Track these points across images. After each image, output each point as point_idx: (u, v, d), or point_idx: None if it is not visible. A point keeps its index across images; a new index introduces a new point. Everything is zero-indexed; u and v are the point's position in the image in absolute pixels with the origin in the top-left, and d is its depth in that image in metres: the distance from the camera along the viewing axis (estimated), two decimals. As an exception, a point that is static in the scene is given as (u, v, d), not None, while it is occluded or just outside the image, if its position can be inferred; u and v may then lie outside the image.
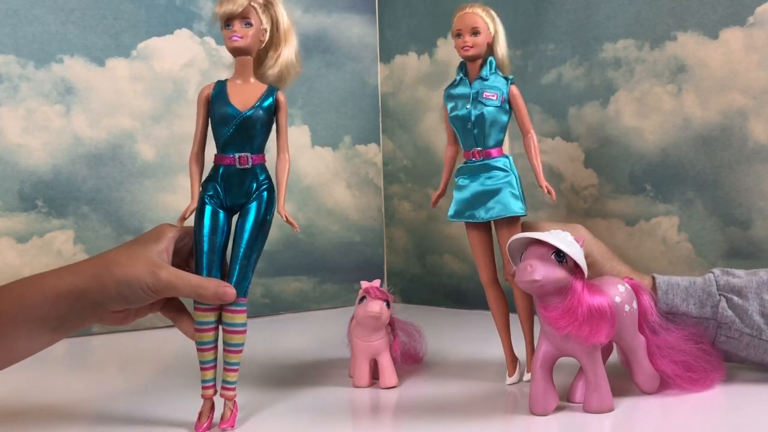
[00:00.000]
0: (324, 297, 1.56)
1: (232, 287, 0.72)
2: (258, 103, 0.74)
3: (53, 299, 0.70)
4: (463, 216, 0.89)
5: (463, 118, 0.88)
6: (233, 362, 0.73)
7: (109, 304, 0.72)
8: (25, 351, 0.73)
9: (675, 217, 1.20)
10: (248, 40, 0.73)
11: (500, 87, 0.88)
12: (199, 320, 0.73)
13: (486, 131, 0.88)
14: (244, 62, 0.75)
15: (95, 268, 0.71)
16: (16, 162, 1.25)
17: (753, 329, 0.84)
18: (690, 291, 0.87)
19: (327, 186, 1.56)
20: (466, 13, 0.88)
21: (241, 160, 0.74)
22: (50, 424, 0.77)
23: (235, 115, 0.73)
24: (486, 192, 0.88)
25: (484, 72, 0.89)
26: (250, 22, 0.73)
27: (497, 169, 0.88)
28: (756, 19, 1.11)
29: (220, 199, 0.74)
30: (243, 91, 0.74)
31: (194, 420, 0.73)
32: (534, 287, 0.71)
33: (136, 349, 1.19)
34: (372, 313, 0.85)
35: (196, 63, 1.38)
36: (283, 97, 0.75)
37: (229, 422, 0.72)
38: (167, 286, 0.70)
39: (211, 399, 0.74)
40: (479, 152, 0.88)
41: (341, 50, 1.57)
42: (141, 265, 0.70)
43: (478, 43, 0.88)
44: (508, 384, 0.88)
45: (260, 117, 0.74)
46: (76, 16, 1.29)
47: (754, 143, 1.12)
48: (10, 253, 1.24)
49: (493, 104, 0.88)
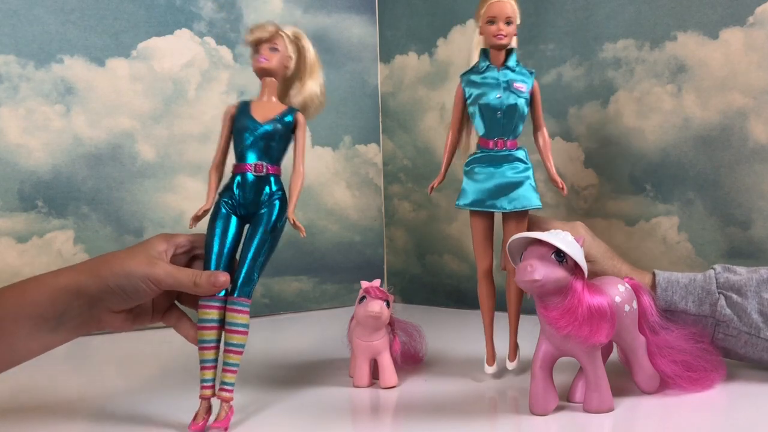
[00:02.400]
0: (324, 297, 1.56)
1: (225, 274, 0.74)
2: (278, 117, 0.78)
3: (52, 295, 0.71)
4: (483, 205, 0.88)
5: (493, 107, 0.87)
6: (232, 363, 0.74)
7: (108, 299, 0.72)
8: (24, 351, 0.73)
9: (675, 217, 1.20)
10: (273, 63, 0.79)
11: (527, 80, 0.88)
12: (202, 317, 0.74)
13: (514, 122, 0.88)
14: (269, 83, 0.80)
15: (94, 264, 0.74)
16: (16, 162, 1.25)
17: (751, 328, 0.84)
18: (689, 288, 0.87)
19: (327, 186, 1.56)
20: (501, 1, 0.86)
21: (257, 168, 0.77)
22: (50, 424, 0.77)
23: (255, 127, 0.77)
24: (510, 183, 0.87)
25: (511, 62, 0.88)
26: (276, 47, 0.79)
27: (519, 160, 0.88)
28: (756, 19, 1.11)
29: (235, 206, 0.77)
30: (265, 108, 0.79)
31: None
32: (534, 287, 0.71)
33: (136, 349, 1.19)
34: (372, 313, 0.85)
35: (196, 63, 1.38)
36: (302, 117, 0.80)
37: (223, 423, 0.72)
38: (166, 275, 0.72)
39: (208, 400, 0.74)
40: (503, 142, 0.88)
41: (341, 50, 1.57)
42: (140, 257, 0.72)
43: (511, 32, 0.87)
44: (488, 373, 0.90)
45: (278, 130, 0.78)
46: (76, 16, 1.29)
47: (754, 143, 1.12)
48: (10, 253, 1.24)
49: (524, 96, 0.88)
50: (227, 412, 0.73)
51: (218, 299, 0.75)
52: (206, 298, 0.75)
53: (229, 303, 0.74)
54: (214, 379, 0.74)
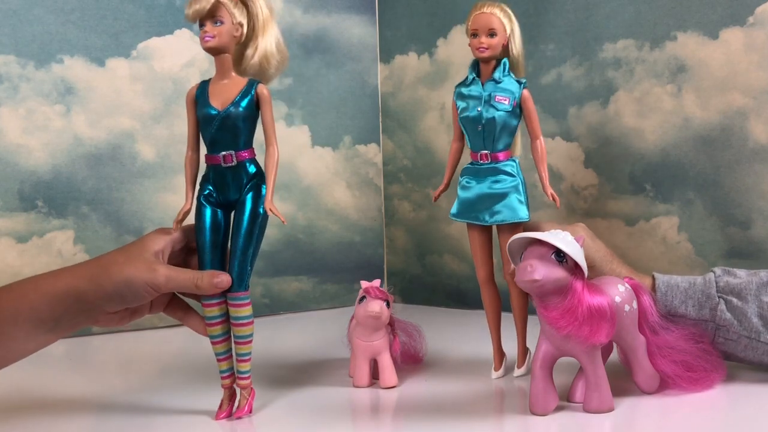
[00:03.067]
0: (324, 297, 1.56)
1: (226, 274, 0.74)
2: (236, 99, 0.74)
3: (51, 300, 0.71)
4: (466, 217, 0.90)
5: (473, 120, 0.88)
6: (244, 353, 0.76)
7: (107, 305, 0.72)
8: (21, 351, 0.73)
9: (675, 217, 1.20)
10: (221, 39, 0.73)
11: (513, 90, 0.88)
12: (207, 315, 0.76)
13: (496, 135, 0.88)
14: (222, 60, 0.75)
15: (93, 269, 0.72)
16: (16, 162, 1.25)
17: (751, 332, 0.84)
18: (689, 293, 0.87)
19: (327, 186, 1.56)
20: (483, 13, 0.86)
21: (226, 159, 0.75)
22: (50, 424, 0.77)
23: (215, 115, 0.74)
24: (492, 195, 0.88)
25: (497, 74, 0.88)
26: (221, 19, 0.73)
27: (505, 173, 0.88)
28: (756, 19, 1.11)
29: (215, 197, 0.76)
30: (223, 90, 0.75)
31: (194, 419, 0.75)
32: (534, 287, 0.71)
33: (136, 349, 1.19)
34: (372, 313, 0.85)
35: (196, 63, 1.38)
36: (265, 90, 0.75)
37: (246, 410, 0.76)
38: (167, 280, 0.71)
39: (230, 388, 0.77)
40: (487, 155, 0.88)
41: (341, 50, 1.57)
42: (139, 263, 0.71)
43: (494, 44, 0.87)
44: (494, 378, 0.90)
45: (240, 114, 0.74)
46: (76, 16, 1.29)
47: (754, 143, 1.12)
48: (10, 253, 1.24)
49: (505, 108, 0.87)
50: (248, 398, 0.76)
51: (218, 296, 0.76)
52: (207, 297, 0.75)
53: (229, 299, 0.76)
54: (231, 368, 0.77)
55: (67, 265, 0.75)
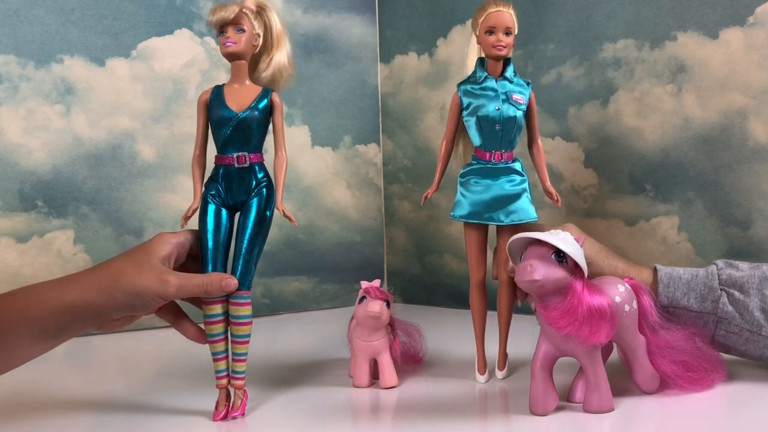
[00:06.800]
0: (324, 297, 1.56)
1: (233, 278, 0.75)
2: (253, 104, 0.77)
3: (56, 312, 0.70)
4: (480, 218, 0.88)
5: (492, 119, 0.86)
6: (241, 353, 0.77)
7: (115, 313, 0.73)
8: (22, 358, 0.73)
9: (675, 217, 1.20)
10: (241, 45, 0.77)
11: (524, 92, 0.88)
12: (207, 313, 0.77)
13: (512, 134, 0.87)
14: (239, 66, 0.79)
15: (101, 280, 0.71)
16: (16, 162, 1.25)
17: (753, 325, 0.84)
18: (691, 285, 0.86)
19: (327, 186, 1.56)
20: (501, 11, 0.86)
21: (239, 160, 0.77)
22: (50, 424, 0.77)
23: (232, 117, 0.77)
24: (508, 196, 0.87)
25: (508, 73, 0.88)
26: (242, 27, 0.77)
27: (516, 172, 0.88)
28: (756, 19, 1.11)
29: (222, 197, 0.78)
30: (239, 94, 0.78)
31: (193, 419, 0.75)
32: (534, 287, 0.71)
33: (136, 349, 1.19)
34: (372, 313, 0.85)
35: (196, 63, 1.38)
36: (278, 98, 0.79)
37: (240, 410, 0.76)
38: (177, 291, 0.72)
39: (225, 388, 0.77)
40: (501, 154, 0.87)
41: (341, 50, 1.57)
42: (148, 273, 0.71)
43: (510, 43, 0.86)
44: (481, 383, 0.90)
45: (255, 117, 0.77)
46: (76, 16, 1.29)
47: (754, 143, 1.12)
48: (10, 253, 1.24)
49: (522, 108, 0.87)
50: (242, 399, 0.77)
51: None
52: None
53: (231, 297, 0.77)
54: (228, 369, 0.77)
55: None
